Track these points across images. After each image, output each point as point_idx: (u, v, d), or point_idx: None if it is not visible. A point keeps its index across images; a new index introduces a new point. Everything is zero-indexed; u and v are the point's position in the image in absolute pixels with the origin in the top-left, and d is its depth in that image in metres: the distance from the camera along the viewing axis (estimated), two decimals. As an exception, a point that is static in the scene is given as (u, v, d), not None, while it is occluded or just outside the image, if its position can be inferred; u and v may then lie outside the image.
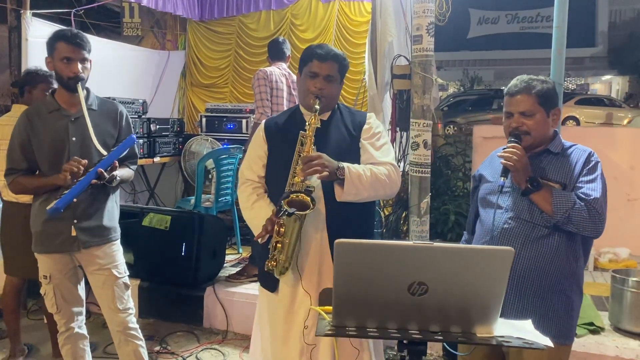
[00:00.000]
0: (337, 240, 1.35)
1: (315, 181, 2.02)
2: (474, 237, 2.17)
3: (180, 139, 5.56)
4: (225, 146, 5.18)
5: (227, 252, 4.42)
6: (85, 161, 2.33)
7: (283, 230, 1.97)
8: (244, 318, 3.76)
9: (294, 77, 4.07)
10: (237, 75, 6.20)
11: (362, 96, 5.04)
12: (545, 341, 1.40)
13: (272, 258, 2.03)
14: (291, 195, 1.94)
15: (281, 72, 4.07)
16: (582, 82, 24.52)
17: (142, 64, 5.91)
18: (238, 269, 4.25)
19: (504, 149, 1.99)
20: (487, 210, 2.08)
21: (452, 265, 1.33)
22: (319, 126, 2.04)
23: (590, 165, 1.96)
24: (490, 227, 2.02)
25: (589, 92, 21.05)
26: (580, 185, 1.93)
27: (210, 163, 4.70)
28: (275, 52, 4.19)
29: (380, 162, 2.13)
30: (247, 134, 5.38)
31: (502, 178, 1.95)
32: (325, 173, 1.92)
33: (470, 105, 14.46)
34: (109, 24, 7.09)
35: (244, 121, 5.43)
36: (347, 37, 5.48)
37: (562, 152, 2.02)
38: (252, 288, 3.88)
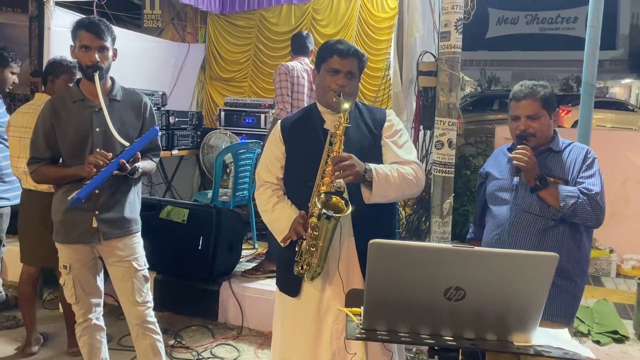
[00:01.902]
0: (371, 241, 1.30)
1: (340, 180, 1.97)
2: (485, 230, 2.36)
3: (199, 133, 5.54)
4: (243, 141, 5.14)
5: (242, 247, 4.38)
6: (110, 155, 2.31)
7: (317, 233, 1.91)
8: (259, 314, 3.73)
9: None
10: (256, 70, 6.16)
11: (382, 93, 4.98)
12: (586, 352, 1.35)
13: (302, 262, 1.98)
14: (332, 198, 1.89)
15: (303, 68, 4.01)
16: (602, 85, 24.17)
17: (162, 56, 5.90)
18: (254, 264, 4.22)
19: (509, 148, 2.24)
20: (498, 205, 2.27)
21: (493, 271, 1.28)
22: (349, 125, 1.99)
23: (589, 162, 2.16)
24: (502, 221, 2.22)
25: (607, 96, 20.74)
26: (581, 180, 2.13)
27: (228, 157, 4.67)
28: (298, 46, 4.14)
29: (405, 160, 2.08)
30: (265, 129, 5.34)
31: (516, 178, 2.14)
32: (351, 177, 1.88)
33: (470, 105, 14.29)
34: (130, 15, 7.08)
35: (262, 116, 5.40)
36: (368, 33, 5.41)
37: (562, 150, 2.22)
38: (268, 284, 3.84)
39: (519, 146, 2.14)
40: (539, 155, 2.19)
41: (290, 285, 2.12)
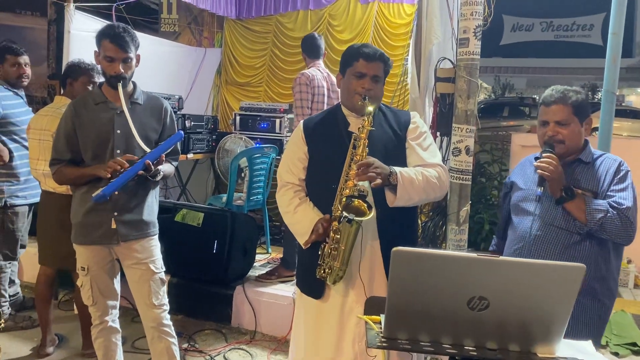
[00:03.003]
0: (394, 249, 1.29)
1: (364, 183, 1.96)
2: (507, 243, 2.23)
3: (214, 137, 5.56)
4: (258, 145, 5.16)
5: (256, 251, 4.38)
6: (127, 165, 2.32)
7: (339, 236, 1.91)
8: (273, 319, 3.72)
9: (333, 78, 4.00)
10: (272, 75, 6.17)
11: (397, 99, 4.96)
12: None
13: (324, 265, 1.97)
14: (354, 202, 1.88)
15: (322, 76, 4.00)
16: (618, 93, 23.88)
17: (179, 60, 5.92)
18: (267, 269, 4.21)
19: (537, 157, 2.08)
20: (521, 217, 2.14)
21: (518, 281, 1.27)
22: (373, 129, 1.98)
23: (621, 175, 2.02)
24: (524, 234, 2.09)
25: (623, 104, 20.53)
26: (611, 194, 1.99)
27: (243, 161, 4.68)
28: (312, 49, 4.09)
29: (429, 163, 2.07)
30: (280, 133, 5.36)
31: (539, 188, 2.00)
32: (379, 181, 1.87)
33: (479, 112, 14.21)
34: (147, 20, 7.14)
35: (277, 120, 5.40)
36: (384, 39, 5.40)
37: (593, 162, 2.08)
38: (282, 289, 3.84)
39: (544, 154, 2.02)
40: (567, 166, 2.07)
41: (313, 288, 2.12)
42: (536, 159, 2.15)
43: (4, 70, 3.52)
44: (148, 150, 2.40)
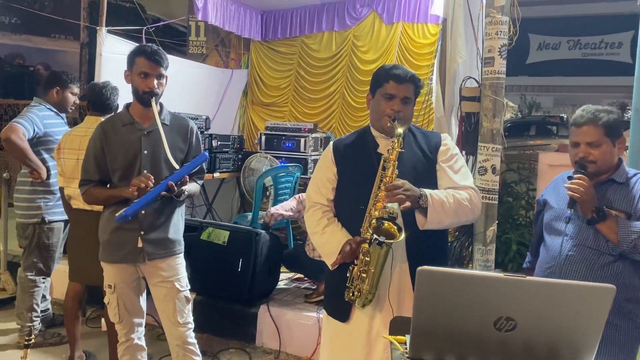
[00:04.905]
0: (419, 268, 1.28)
1: (393, 205, 1.94)
2: (538, 262, 2.23)
3: (240, 156, 5.63)
4: (282, 164, 5.20)
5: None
6: (153, 178, 2.37)
7: (368, 258, 1.90)
8: (297, 339, 3.70)
9: None
10: (297, 95, 6.24)
11: (422, 118, 4.95)
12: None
13: (353, 287, 1.96)
14: (384, 224, 1.87)
15: None
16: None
17: (207, 82, 6.03)
18: (291, 287, 4.23)
19: (570, 176, 2.08)
20: (552, 236, 2.14)
21: (546, 302, 1.24)
22: (402, 150, 1.97)
23: None
24: (556, 254, 2.08)
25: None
26: None
27: (268, 180, 4.72)
28: None
29: (461, 186, 2.04)
30: (305, 152, 5.42)
31: (570, 210, 2.00)
32: (408, 204, 1.85)
33: (506, 131, 14.02)
34: (176, 42, 7.33)
35: (302, 140, 5.45)
36: (409, 59, 5.42)
37: (627, 181, 2.05)
38: (306, 309, 3.83)
39: (575, 175, 2.01)
40: (599, 186, 2.05)
41: (340, 310, 2.10)
42: (569, 178, 2.11)
43: (63, 95, 3.67)
44: (177, 167, 2.44)
